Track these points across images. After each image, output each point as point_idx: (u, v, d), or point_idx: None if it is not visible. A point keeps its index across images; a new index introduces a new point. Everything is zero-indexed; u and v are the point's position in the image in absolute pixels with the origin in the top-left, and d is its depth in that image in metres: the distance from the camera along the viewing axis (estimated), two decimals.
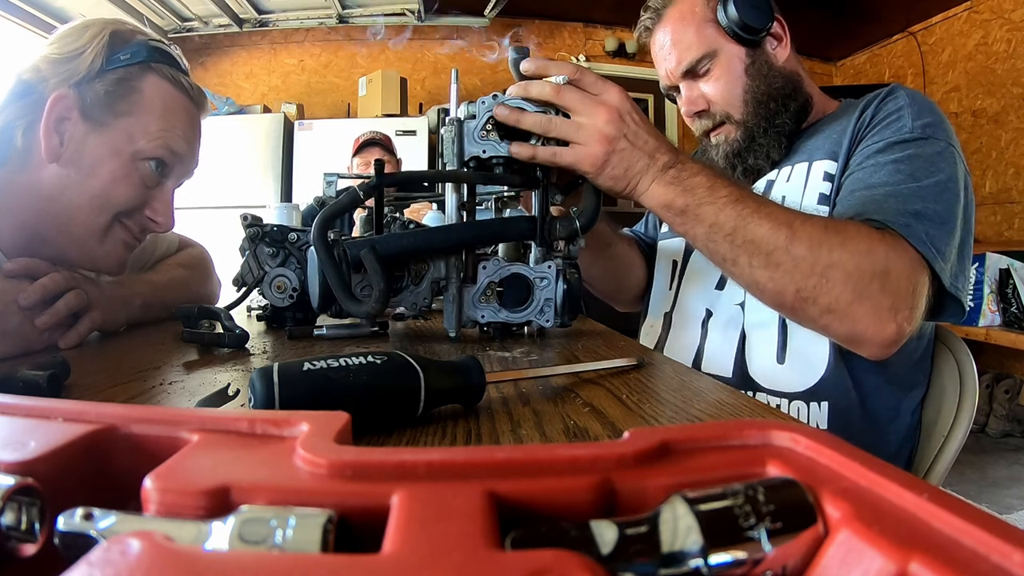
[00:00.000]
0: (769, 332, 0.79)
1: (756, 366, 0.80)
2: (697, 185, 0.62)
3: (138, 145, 0.68)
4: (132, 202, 0.70)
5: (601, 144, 0.61)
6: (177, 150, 0.72)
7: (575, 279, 0.64)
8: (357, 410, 0.25)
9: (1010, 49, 2.99)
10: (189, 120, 0.74)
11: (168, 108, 0.71)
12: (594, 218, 0.64)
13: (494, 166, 0.64)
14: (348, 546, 0.15)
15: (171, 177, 0.74)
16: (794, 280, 0.61)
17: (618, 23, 4.14)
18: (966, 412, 0.79)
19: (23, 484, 0.17)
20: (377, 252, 0.59)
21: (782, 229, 0.60)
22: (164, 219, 0.74)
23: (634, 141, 0.61)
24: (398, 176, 0.66)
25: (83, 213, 0.68)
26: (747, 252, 0.61)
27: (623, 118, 0.61)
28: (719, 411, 0.38)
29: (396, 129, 3.20)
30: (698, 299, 0.89)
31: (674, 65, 0.87)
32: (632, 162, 0.62)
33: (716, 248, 0.63)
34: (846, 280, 0.60)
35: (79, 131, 0.66)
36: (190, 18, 3.74)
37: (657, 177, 0.62)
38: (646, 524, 0.16)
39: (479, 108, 0.63)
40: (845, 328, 0.62)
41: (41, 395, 0.35)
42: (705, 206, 0.61)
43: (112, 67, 0.67)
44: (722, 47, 0.84)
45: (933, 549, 0.14)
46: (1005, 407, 2.70)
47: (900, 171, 0.68)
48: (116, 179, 0.68)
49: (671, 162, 0.62)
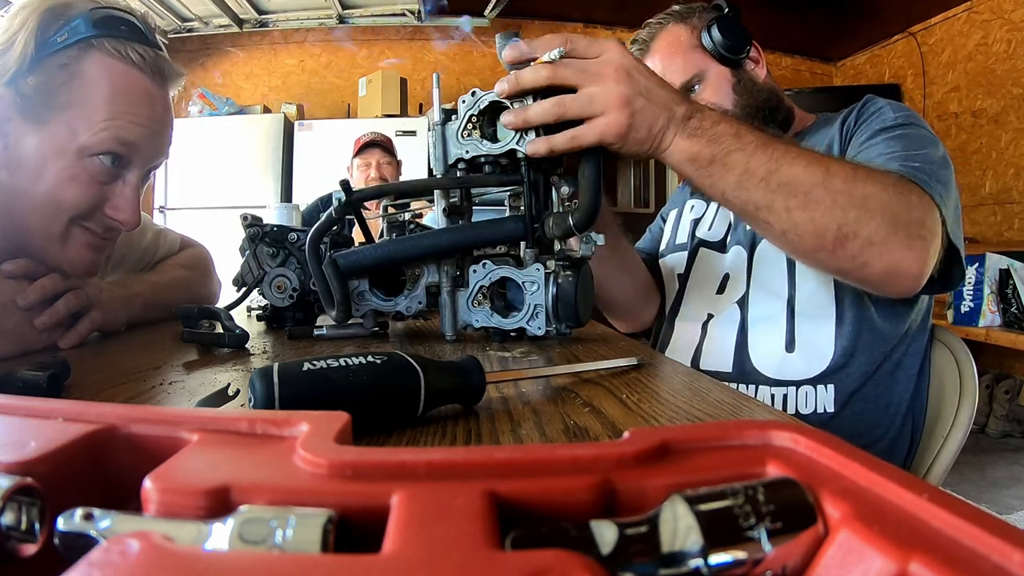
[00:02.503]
0: (775, 324, 0.82)
1: (759, 357, 0.82)
2: (722, 133, 0.59)
3: (81, 140, 0.60)
4: (86, 203, 0.63)
5: (621, 109, 0.56)
6: (130, 138, 0.63)
7: (568, 282, 0.59)
8: (357, 410, 0.25)
9: (1010, 49, 2.99)
10: (145, 99, 0.64)
11: (116, 91, 0.61)
12: (592, 214, 0.56)
13: (481, 165, 0.63)
14: (348, 546, 0.15)
15: (132, 168, 0.65)
16: (835, 216, 0.59)
17: (618, 23, 4.13)
18: (966, 412, 0.79)
19: (23, 484, 0.17)
20: (338, 266, 0.62)
21: (816, 167, 0.59)
22: (127, 216, 0.65)
23: (649, 96, 0.57)
24: (367, 191, 0.67)
25: (36, 219, 0.62)
26: (783, 194, 0.59)
27: (631, 74, 0.57)
28: (719, 411, 0.38)
29: (396, 129, 3.20)
30: (699, 306, 0.92)
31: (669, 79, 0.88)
32: (653, 119, 0.58)
33: (749, 196, 0.60)
34: (883, 210, 0.59)
35: (20, 132, 0.60)
36: (190, 18, 3.74)
37: (679, 130, 0.59)
38: (646, 524, 0.16)
39: (459, 108, 0.62)
40: (884, 260, 0.61)
41: (41, 395, 0.35)
42: (734, 153, 0.59)
43: (48, 53, 0.59)
44: (709, 68, 0.90)
45: (933, 549, 0.14)
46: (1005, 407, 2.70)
47: (893, 146, 0.71)
48: (62, 181, 0.61)
49: (689, 112, 0.59)
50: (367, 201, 0.68)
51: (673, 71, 0.89)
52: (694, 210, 1.02)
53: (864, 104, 0.84)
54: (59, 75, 0.59)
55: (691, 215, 1.02)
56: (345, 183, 0.64)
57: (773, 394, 0.81)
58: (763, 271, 0.85)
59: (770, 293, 0.84)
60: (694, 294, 0.94)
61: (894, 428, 0.81)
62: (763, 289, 0.85)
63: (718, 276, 0.92)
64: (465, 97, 0.62)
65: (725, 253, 0.92)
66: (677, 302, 0.96)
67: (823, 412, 0.79)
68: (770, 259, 0.85)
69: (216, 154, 3.37)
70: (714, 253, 0.94)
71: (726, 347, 0.85)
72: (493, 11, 3.83)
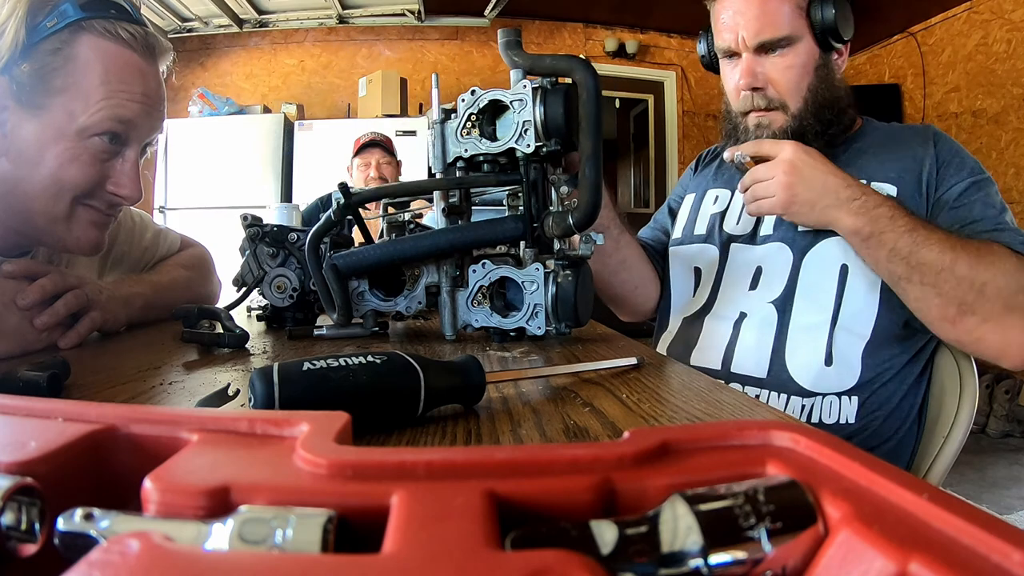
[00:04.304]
0: (817, 335, 0.81)
1: (797, 368, 0.81)
2: (880, 215, 0.73)
3: (80, 122, 0.62)
4: (88, 181, 0.65)
5: (783, 191, 0.76)
6: (127, 116, 0.64)
7: (568, 282, 0.60)
8: (357, 410, 0.25)
9: (1010, 49, 2.99)
10: (139, 76, 0.65)
11: (109, 70, 0.62)
12: (592, 213, 0.57)
13: (480, 164, 0.63)
14: (348, 546, 0.15)
15: (130, 144, 0.67)
16: (957, 296, 0.71)
17: (618, 23, 4.14)
18: (966, 412, 0.79)
19: (23, 484, 0.17)
20: (338, 269, 0.63)
21: (947, 253, 0.70)
22: (128, 190, 0.67)
23: (811, 183, 0.75)
24: (365, 193, 0.67)
25: (40, 203, 0.64)
26: (919, 272, 0.71)
27: (797, 167, 0.75)
28: (719, 411, 0.38)
29: (396, 129, 3.20)
30: (732, 302, 0.90)
31: (752, 33, 0.84)
32: (815, 200, 0.75)
33: (894, 268, 0.73)
34: (999, 294, 0.70)
35: (17, 119, 0.61)
36: (190, 18, 3.74)
37: (846, 209, 0.74)
38: (646, 524, 0.16)
39: (459, 107, 0.62)
40: (997, 337, 0.71)
41: (41, 395, 0.35)
42: (887, 233, 0.72)
43: (39, 39, 0.60)
44: (804, 37, 0.85)
45: (933, 549, 0.14)
46: (1005, 407, 2.70)
47: (988, 208, 0.79)
48: (64, 162, 0.62)
49: (854, 195, 0.74)
50: (366, 203, 0.68)
51: (771, 20, 0.83)
52: (718, 202, 0.97)
53: (939, 141, 0.85)
54: (52, 60, 0.60)
55: (714, 207, 0.97)
56: (343, 185, 0.64)
57: (803, 404, 0.80)
58: (811, 278, 0.83)
59: (815, 303, 0.82)
60: (727, 292, 0.91)
61: (903, 430, 0.82)
62: (808, 298, 0.83)
63: (750, 270, 0.89)
64: (465, 96, 0.62)
65: (755, 245, 0.89)
66: (710, 302, 0.92)
67: (845, 423, 0.79)
68: (821, 268, 0.83)
69: (216, 154, 3.37)
70: (744, 247, 0.91)
71: (762, 352, 0.83)
72: (493, 11, 3.83)
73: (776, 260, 0.86)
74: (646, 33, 4.24)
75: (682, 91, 4.37)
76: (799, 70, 0.85)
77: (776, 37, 0.84)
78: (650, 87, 4.49)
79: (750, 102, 0.87)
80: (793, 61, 0.85)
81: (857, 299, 0.81)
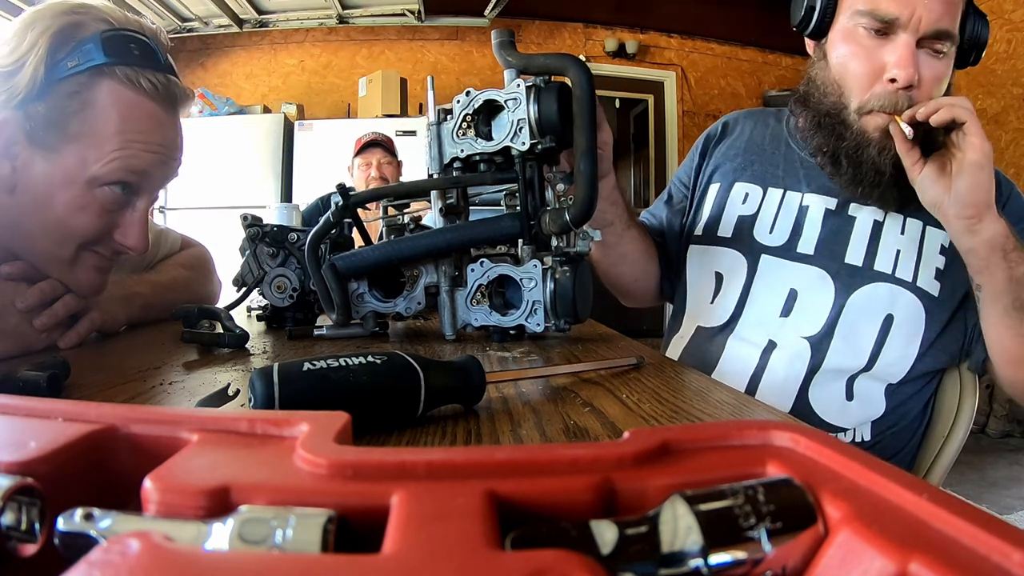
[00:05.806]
0: (844, 376, 0.78)
1: (820, 403, 0.78)
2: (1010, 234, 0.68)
3: (92, 171, 0.59)
4: (95, 231, 0.63)
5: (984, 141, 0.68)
6: (141, 167, 0.62)
7: (566, 278, 0.60)
8: (357, 410, 0.25)
9: (1010, 49, 2.99)
10: (157, 127, 0.64)
11: (126, 120, 0.61)
12: (588, 209, 0.56)
13: (476, 164, 0.63)
14: (348, 546, 0.15)
15: (141, 195, 0.65)
16: None
17: (618, 23, 4.13)
18: (966, 412, 0.80)
19: (23, 484, 0.17)
20: (337, 270, 0.63)
21: None
22: (135, 242, 0.65)
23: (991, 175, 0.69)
24: (363, 195, 0.67)
25: (44, 244, 0.62)
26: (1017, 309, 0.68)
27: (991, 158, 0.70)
28: (719, 411, 0.38)
29: (396, 129, 3.20)
30: (761, 326, 0.82)
31: (935, 16, 0.68)
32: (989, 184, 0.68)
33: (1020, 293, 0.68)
34: None
35: (28, 157, 0.59)
36: (190, 18, 3.75)
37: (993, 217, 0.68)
38: (646, 524, 0.16)
39: (454, 108, 0.62)
40: None
41: (41, 395, 0.35)
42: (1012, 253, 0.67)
43: (58, 78, 0.58)
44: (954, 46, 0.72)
45: (933, 549, 0.14)
46: (1005, 407, 2.70)
47: None
48: (73, 210, 0.60)
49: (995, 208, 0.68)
50: (364, 204, 0.68)
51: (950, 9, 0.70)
52: (748, 202, 0.86)
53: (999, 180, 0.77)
54: (69, 103, 0.58)
55: (743, 207, 0.86)
56: (342, 186, 0.65)
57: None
58: (854, 322, 0.77)
59: (853, 348, 0.77)
60: (754, 312, 0.83)
61: (914, 440, 0.82)
62: (847, 341, 0.77)
63: (784, 290, 0.81)
64: (460, 97, 0.62)
65: (791, 260, 0.81)
66: (734, 318, 0.84)
67: (860, 441, 0.79)
68: (867, 313, 0.77)
69: (216, 154, 3.37)
70: (778, 260, 0.82)
71: (789, 387, 0.78)
72: (493, 11, 3.83)
73: (816, 290, 0.78)
74: (646, 33, 4.24)
75: (682, 91, 4.37)
76: (944, 80, 0.71)
77: (951, 31, 0.70)
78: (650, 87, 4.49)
79: (893, 100, 0.70)
80: (945, 71, 0.71)
81: (895, 350, 0.76)
